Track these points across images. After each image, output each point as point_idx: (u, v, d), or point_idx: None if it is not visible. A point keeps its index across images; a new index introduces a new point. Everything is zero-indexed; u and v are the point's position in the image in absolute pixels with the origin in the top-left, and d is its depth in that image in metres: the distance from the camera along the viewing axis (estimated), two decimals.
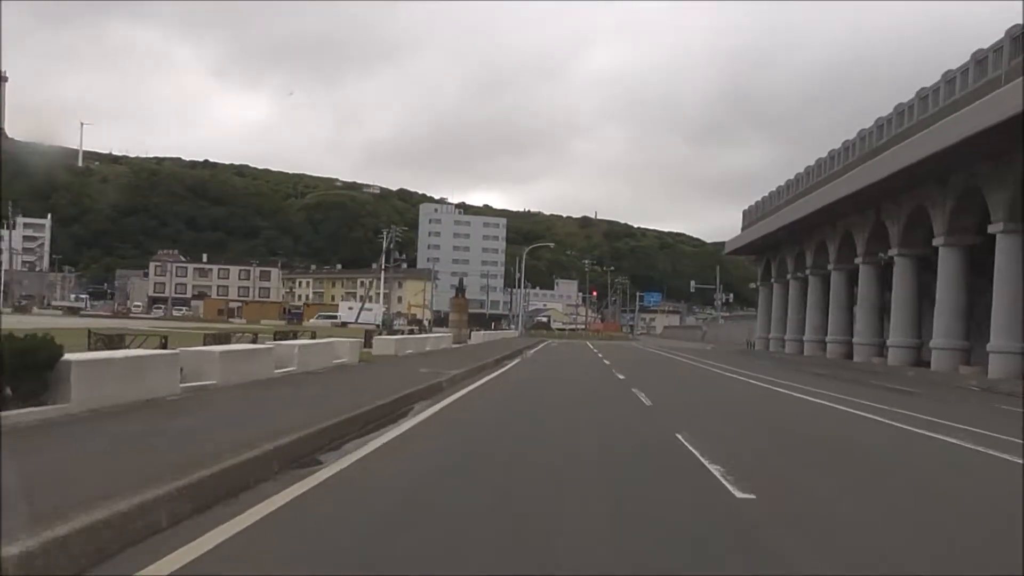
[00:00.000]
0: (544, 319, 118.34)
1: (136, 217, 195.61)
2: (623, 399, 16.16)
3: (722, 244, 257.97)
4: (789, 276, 54.87)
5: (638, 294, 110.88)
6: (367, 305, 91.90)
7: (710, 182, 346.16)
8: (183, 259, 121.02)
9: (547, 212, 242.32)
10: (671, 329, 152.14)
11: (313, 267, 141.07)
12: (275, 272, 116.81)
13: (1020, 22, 27.24)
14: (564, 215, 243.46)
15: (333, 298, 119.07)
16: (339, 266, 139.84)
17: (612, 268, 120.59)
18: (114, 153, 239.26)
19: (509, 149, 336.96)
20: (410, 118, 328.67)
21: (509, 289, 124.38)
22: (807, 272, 50.87)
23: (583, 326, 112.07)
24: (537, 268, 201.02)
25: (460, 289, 41.87)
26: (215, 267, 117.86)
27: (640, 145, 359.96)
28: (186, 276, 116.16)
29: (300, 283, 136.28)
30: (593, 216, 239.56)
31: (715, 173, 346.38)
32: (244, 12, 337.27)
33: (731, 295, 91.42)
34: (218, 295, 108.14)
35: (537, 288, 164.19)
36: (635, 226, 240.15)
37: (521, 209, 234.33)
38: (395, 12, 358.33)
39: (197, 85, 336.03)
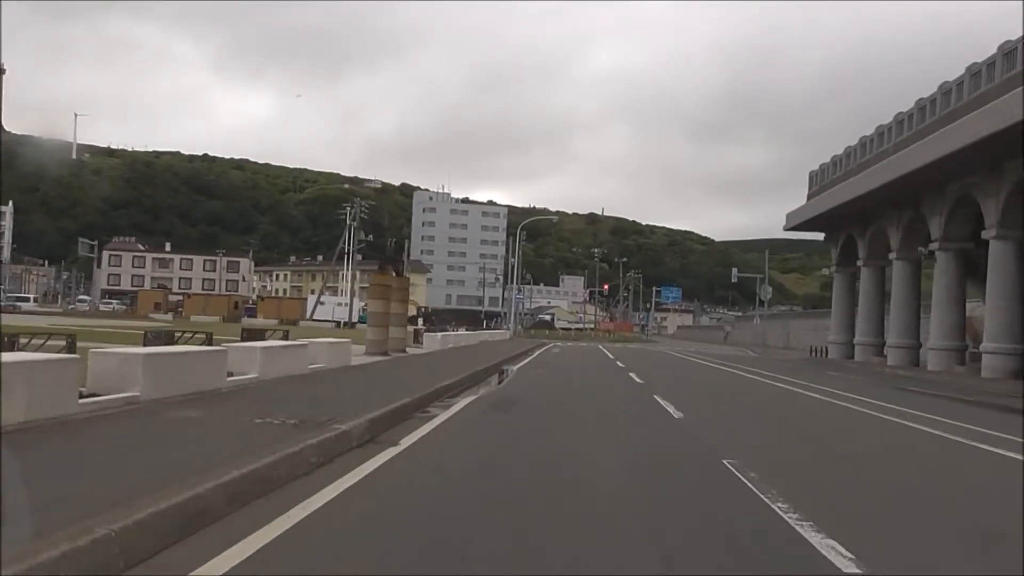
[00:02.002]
0: (547, 317, 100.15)
1: (128, 210, 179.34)
2: None
3: (734, 243, 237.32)
4: (893, 255, 36.47)
5: (654, 289, 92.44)
6: (342, 299, 73.89)
7: (713, 181, 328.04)
8: (141, 247, 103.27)
9: (553, 208, 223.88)
10: (685, 329, 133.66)
11: (293, 258, 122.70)
12: (244, 263, 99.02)
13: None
14: (570, 212, 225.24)
15: (313, 292, 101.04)
16: (320, 258, 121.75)
17: (625, 260, 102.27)
18: (112, 147, 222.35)
19: (512, 146, 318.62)
20: (412, 115, 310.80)
21: (510, 286, 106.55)
22: (934, 246, 32.55)
23: (591, 325, 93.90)
24: (542, 265, 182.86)
25: (391, 259, 23.35)
26: (177, 257, 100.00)
27: (643, 143, 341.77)
28: (144, 267, 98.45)
29: (277, 276, 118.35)
30: (600, 212, 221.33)
31: (718, 172, 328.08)
32: (247, 7, 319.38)
33: (771, 290, 73.33)
34: (180, 288, 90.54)
35: (541, 285, 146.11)
36: (643, 223, 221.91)
37: (526, 205, 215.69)
38: (397, 9, 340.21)
39: (198, 81, 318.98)
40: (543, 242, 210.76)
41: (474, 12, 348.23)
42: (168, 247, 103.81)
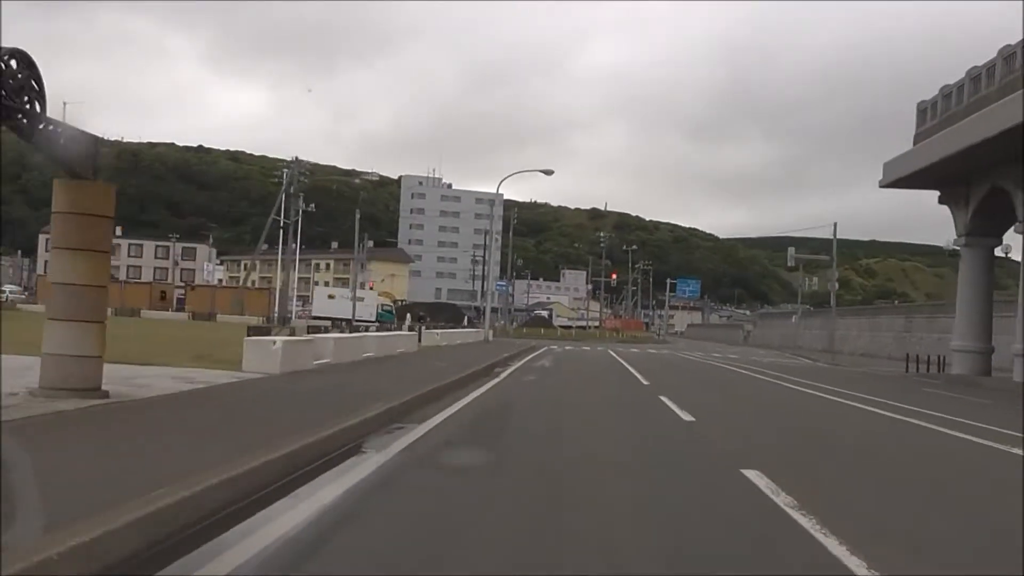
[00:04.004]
0: (544, 314, 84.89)
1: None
2: None
3: (739, 240, 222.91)
4: None
5: (668, 282, 76.94)
6: (349, 293, 56.95)
7: (713, 179, 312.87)
8: None
9: (555, 203, 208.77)
10: (696, 328, 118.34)
11: (266, 247, 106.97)
12: (202, 250, 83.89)
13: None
14: (572, 207, 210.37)
15: (282, 283, 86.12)
16: (293, 246, 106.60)
17: (635, 247, 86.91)
18: (107, 137, 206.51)
19: (511, 143, 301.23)
20: (410, 111, 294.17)
21: (510, 279, 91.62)
22: None
23: (596, 322, 78.77)
24: (543, 261, 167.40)
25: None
26: (125, 242, 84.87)
27: (642, 141, 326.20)
28: None
29: (245, 265, 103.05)
30: (603, 208, 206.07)
31: (716, 170, 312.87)
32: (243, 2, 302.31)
33: (816, 279, 57.81)
34: (128, 277, 75.79)
35: (540, 279, 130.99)
36: (647, 219, 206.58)
37: (527, 200, 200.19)
38: (394, 3, 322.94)
39: (193, 75, 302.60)
40: (544, 237, 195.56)
41: (472, 8, 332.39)
42: (119, 231, 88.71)
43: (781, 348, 63.88)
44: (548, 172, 32.11)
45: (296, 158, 51.87)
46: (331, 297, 55.91)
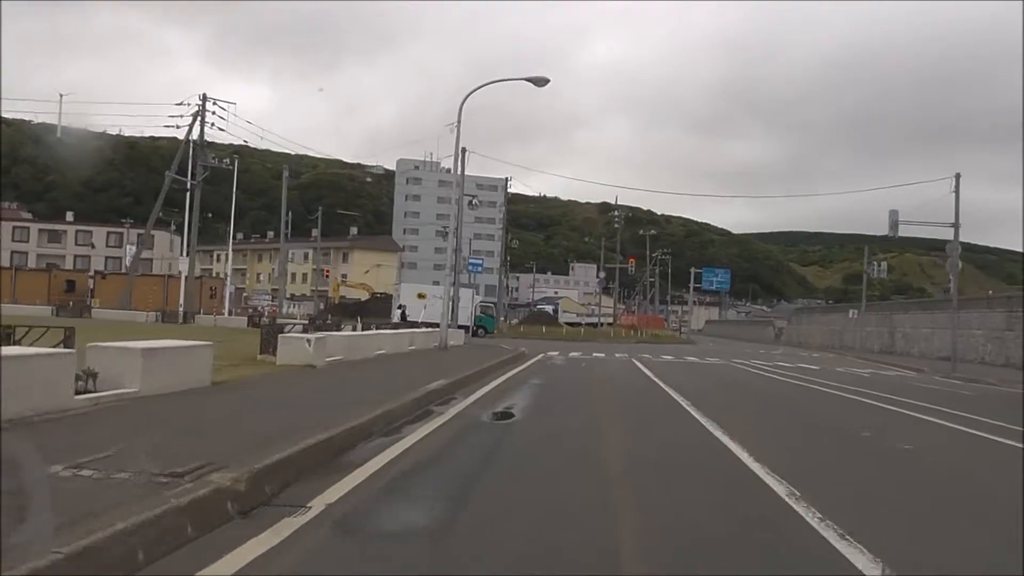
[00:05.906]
0: (549, 308, 72.83)
1: (107, 194, 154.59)
2: None
3: (752, 235, 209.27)
4: None
5: (693, 271, 64.46)
6: (441, 291, 42.06)
7: (714, 176, 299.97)
8: (26, 216, 76.85)
9: (564, 198, 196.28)
10: (715, 324, 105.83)
11: (240, 236, 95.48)
12: (162, 237, 72.11)
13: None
14: (583, 201, 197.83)
15: (259, 276, 74.70)
16: (271, 234, 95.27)
17: (652, 232, 74.69)
18: (108, 131, 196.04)
19: (513, 139, 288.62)
20: (412, 107, 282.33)
21: (512, 274, 79.88)
22: None
23: (609, 319, 66.70)
24: (553, 256, 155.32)
25: None
26: (72, 228, 73.26)
27: (647, 139, 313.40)
28: (28, 241, 71.64)
29: (220, 257, 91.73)
30: (614, 202, 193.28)
31: (719, 167, 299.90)
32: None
33: (884, 264, 45.71)
34: (76, 267, 64.24)
35: (549, 273, 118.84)
36: (658, 213, 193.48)
37: (535, 194, 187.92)
38: (395, 1, 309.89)
39: (196, 70, 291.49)
40: (554, 232, 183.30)
41: (473, 6, 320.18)
42: (70, 217, 77.25)
43: (831, 349, 51.52)
44: (540, 82, 20.02)
45: (204, 94, 39.56)
46: (421, 296, 41.54)
